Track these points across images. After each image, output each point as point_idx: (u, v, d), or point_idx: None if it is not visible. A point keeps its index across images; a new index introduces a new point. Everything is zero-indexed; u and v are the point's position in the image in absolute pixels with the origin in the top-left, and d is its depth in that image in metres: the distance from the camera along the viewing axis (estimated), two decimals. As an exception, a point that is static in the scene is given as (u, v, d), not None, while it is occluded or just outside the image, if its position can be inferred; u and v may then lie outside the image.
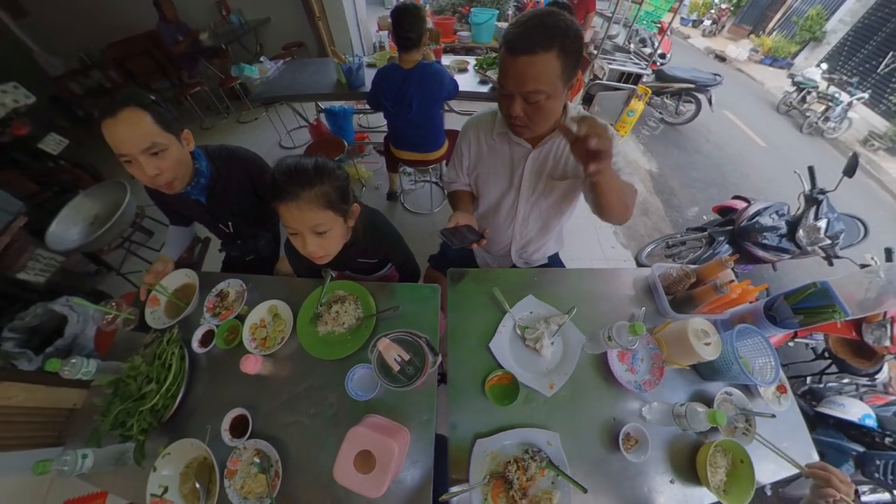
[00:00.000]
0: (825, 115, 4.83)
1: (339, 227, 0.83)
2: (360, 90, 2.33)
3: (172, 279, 1.08)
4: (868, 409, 1.56)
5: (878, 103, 5.61)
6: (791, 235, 1.95)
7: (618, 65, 3.30)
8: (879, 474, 1.37)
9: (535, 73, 0.69)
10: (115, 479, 0.82)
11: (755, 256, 2.04)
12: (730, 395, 0.87)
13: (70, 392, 1.01)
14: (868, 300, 0.82)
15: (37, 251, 1.71)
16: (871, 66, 5.97)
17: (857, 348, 1.69)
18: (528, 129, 0.82)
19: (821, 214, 1.90)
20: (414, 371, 0.76)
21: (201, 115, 3.82)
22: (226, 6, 3.94)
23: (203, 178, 1.00)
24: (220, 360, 0.96)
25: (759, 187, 3.55)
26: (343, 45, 3.79)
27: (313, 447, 0.82)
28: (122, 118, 0.77)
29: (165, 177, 0.86)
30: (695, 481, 0.77)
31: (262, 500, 0.75)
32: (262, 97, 2.48)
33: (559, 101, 0.76)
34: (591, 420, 0.84)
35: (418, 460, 0.79)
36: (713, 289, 0.89)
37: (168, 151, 0.85)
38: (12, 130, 2.21)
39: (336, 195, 0.78)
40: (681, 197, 3.26)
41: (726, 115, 4.93)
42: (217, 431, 0.83)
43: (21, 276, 1.67)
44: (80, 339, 1.33)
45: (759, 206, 2.07)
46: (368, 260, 1.11)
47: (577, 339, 0.93)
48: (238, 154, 1.10)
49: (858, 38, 6.41)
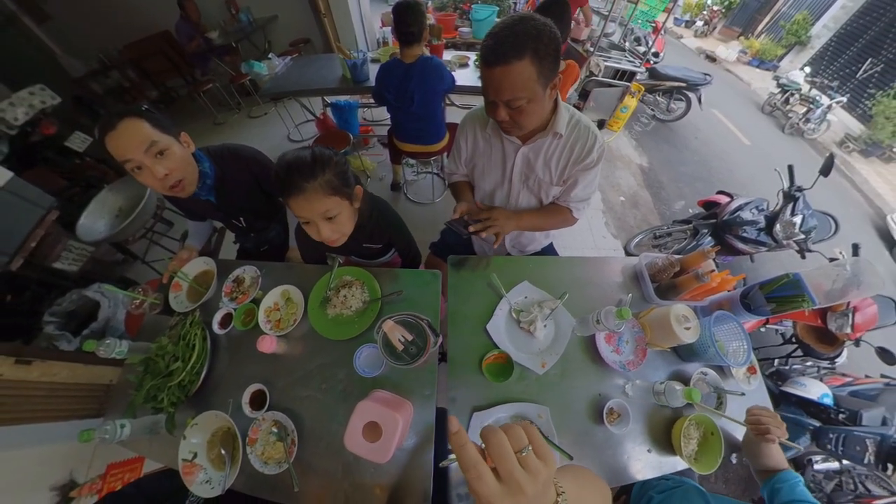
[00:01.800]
0: (806, 117, 4.80)
1: (346, 209, 0.83)
2: (364, 84, 2.28)
3: (193, 266, 1.08)
4: (826, 389, 1.62)
5: (855, 107, 5.60)
6: (769, 230, 1.97)
7: (613, 62, 3.23)
8: (831, 446, 1.44)
9: (510, 82, 0.68)
10: (151, 446, 0.86)
11: (735, 248, 2.06)
12: (705, 374, 0.90)
13: (106, 370, 1.05)
14: (834, 291, 0.83)
15: (69, 242, 1.75)
16: (850, 71, 5.94)
17: (821, 335, 1.74)
18: (517, 128, 0.81)
19: (797, 211, 1.92)
20: (416, 350, 0.77)
21: (214, 111, 3.76)
22: (235, 5, 3.86)
23: (208, 178, 0.99)
24: (238, 340, 0.97)
25: (742, 183, 3.55)
26: (348, 41, 3.70)
27: (325, 418, 0.84)
28: (121, 129, 0.77)
29: (174, 176, 0.86)
30: (669, 451, 0.81)
31: (281, 465, 0.78)
32: (271, 93, 2.43)
33: (541, 102, 0.75)
34: (579, 396, 0.87)
35: (420, 431, 0.82)
36: (695, 277, 0.90)
37: (171, 151, 0.84)
38: (41, 130, 2.23)
39: (338, 181, 0.78)
40: (669, 191, 3.25)
41: (714, 114, 4.88)
42: (238, 404, 0.86)
43: (56, 265, 1.70)
44: (112, 322, 1.39)
45: (740, 201, 2.08)
46: (373, 245, 1.11)
47: (568, 323, 0.95)
48: (240, 153, 1.07)
49: (840, 44, 6.34)
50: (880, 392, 1.64)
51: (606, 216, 2.77)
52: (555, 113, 0.86)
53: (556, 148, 0.91)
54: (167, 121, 0.86)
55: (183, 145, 0.90)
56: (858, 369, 1.90)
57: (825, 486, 1.62)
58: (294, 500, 0.76)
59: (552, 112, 0.86)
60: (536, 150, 0.92)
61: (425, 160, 2.25)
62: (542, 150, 0.91)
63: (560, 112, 0.85)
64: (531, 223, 1.03)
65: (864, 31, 5.97)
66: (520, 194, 1.03)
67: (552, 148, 0.91)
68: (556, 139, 0.89)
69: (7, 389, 0.95)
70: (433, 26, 2.79)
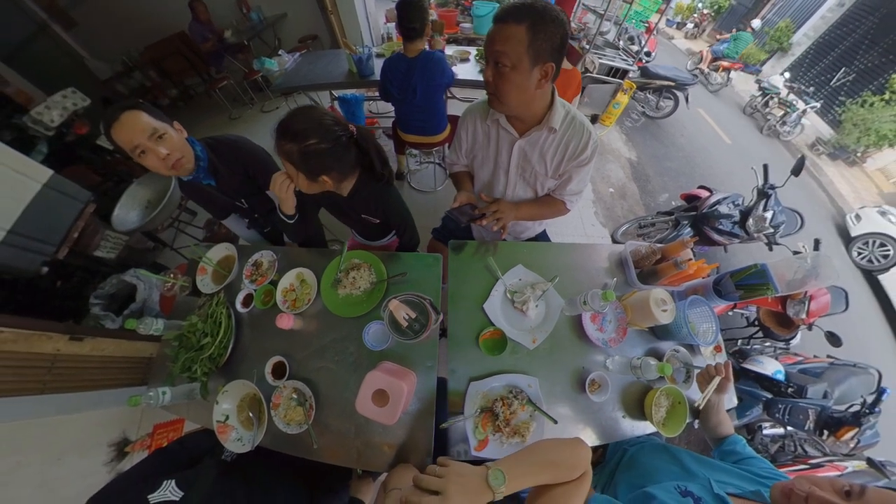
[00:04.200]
0: (783, 120, 4.77)
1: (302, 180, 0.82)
2: (369, 78, 2.21)
3: (216, 252, 1.09)
4: (780, 366, 1.70)
5: (827, 113, 5.58)
6: (742, 223, 2.00)
7: (607, 60, 3.14)
8: (779, 414, 1.53)
9: (502, 37, 0.69)
10: (189, 409, 0.90)
11: (711, 239, 2.09)
12: (677, 351, 0.92)
13: (146, 345, 1.10)
14: (795, 281, 0.86)
15: (106, 232, 1.80)
16: (825, 78, 5.90)
17: (780, 319, 1.79)
18: (497, 99, 0.79)
19: (769, 207, 1.94)
20: (419, 327, 0.79)
21: (229, 107, 3.68)
22: (246, 4, 3.81)
23: (202, 161, 1.00)
24: (259, 318, 0.99)
25: (721, 179, 3.55)
26: (353, 36, 3.57)
27: (339, 386, 0.87)
28: (123, 120, 0.82)
29: (174, 156, 0.89)
30: (641, 416, 0.85)
31: (301, 426, 0.82)
32: (282, 88, 2.40)
33: (525, 77, 0.73)
34: (565, 368, 0.90)
35: (423, 397, 0.85)
36: (674, 265, 0.92)
37: (168, 135, 0.88)
38: (75, 130, 2.27)
39: (301, 159, 0.78)
40: (654, 184, 3.24)
41: (700, 113, 4.80)
42: (262, 374, 0.89)
43: (97, 253, 1.76)
44: (149, 303, 1.45)
45: (719, 196, 2.09)
46: (371, 218, 1.06)
47: (558, 303, 0.96)
48: (231, 141, 1.09)
49: (818, 53, 6.26)
50: (825, 370, 1.72)
51: (596, 206, 2.77)
52: (551, 108, 0.84)
53: (552, 143, 0.89)
54: (159, 111, 0.89)
55: (177, 131, 0.92)
56: (809, 350, 1.99)
57: (770, 447, 1.73)
58: (314, 455, 0.81)
59: (548, 107, 0.85)
60: (532, 144, 0.91)
61: (428, 151, 2.20)
62: (538, 143, 0.90)
63: (556, 108, 0.84)
64: (529, 213, 1.03)
65: (840, 41, 5.93)
66: (516, 185, 1.02)
67: (547, 142, 0.89)
68: (551, 134, 0.87)
69: (65, 362, 1.03)
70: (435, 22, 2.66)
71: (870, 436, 1.56)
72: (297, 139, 0.75)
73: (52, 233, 1.51)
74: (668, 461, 0.73)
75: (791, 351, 1.95)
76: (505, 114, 0.87)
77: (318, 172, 0.81)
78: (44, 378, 0.99)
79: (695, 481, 0.62)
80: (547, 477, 0.47)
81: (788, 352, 1.94)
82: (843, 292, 1.83)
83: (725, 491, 0.57)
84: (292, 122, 0.76)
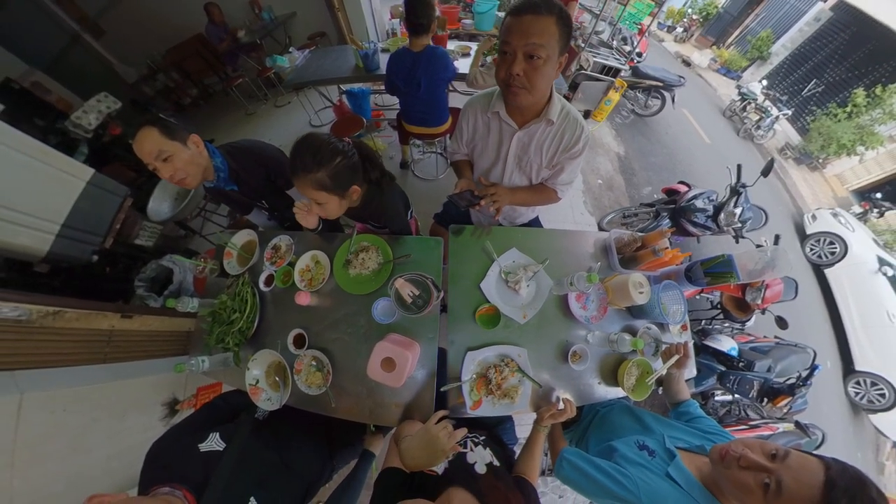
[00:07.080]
0: (758, 124, 4.74)
1: (334, 202, 0.82)
2: (375, 73, 2.12)
3: (239, 238, 1.09)
4: (735, 344, 1.79)
5: (797, 120, 5.58)
6: (714, 217, 2.02)
7: (601, 58, 3.02)
8: (730, 384, 1.64)
9: (538, 29, 0.65)
10: (225, 374, 0.95)
11: (686, 230, 2.11)
12: (649, 329, 0.95)
13: (185, 320, 1.14)
14: (755, 271, 0.88)
15: (143, 223, 1.88)
16: (798, 88, 5.86)
17: (738, 304, 1.87)
18: (526, 90, 0.72)
19: (739, 203, 1.96)
20: (422, 303, 0.81)
21: (245, 103, 3.55)
22: (258, 4, 3.66)
23: (222, 172, 0.99)
24: (280, 295, 1.00)
25: (699, 176, 3.53)
26: (360, 32, 3.40)
27: (352, 354, 0.90)
28: (139, 137, 0.83)
29: (178, 176, 0.90)
30: (614, 383, 0.89)
31: (321, 388, 0.86)
32: (293, 83, 2.36)
33: (552, 70, 0.70)
34: (550, 341, 0.92)
35: (426, 365, 0.88)
36: (652, 252, 0.93)
37: (175, 156, 0.87)
38: (109, 131, 2.35)
39: (329, 181, 0.77)
40: (640, 177, 3.22)
41: (684, 113, 4.71)
42: (284, 344, 0.92)
43: (137, 241, 1.85)
44: (185, 284, 1.50)
45: (696, 191, 2.10)
46: (374, 223, 1.12)
47: (547, 283, 0.97)
48: (252, 149, 1.07)
49: (794, 63, 6.15)
50: (771, 348, 1.83)
51: (585, 196, 2.76)
52: (549, 101, 0.82)
53: (549, 135, 0.88)
54: (176, 126, 0.89)
55: (190, 147, 0.91)
56: (760, 330, 2.10)
57: (719, 411, 1.87)
58: (332, 412, 0.86)
59: (547, 100, 0.82)
60: (530, 135, 0.89)
61: (430, 141, 2.16)
62: (536, 135, 0.88)
63: (553, 101, 0.82)
64: (523, 199, 1.02)
65: (814, 54, 5.85)
66: (513, 174, 1.01)
67: (545, 134, 0.88)
68: (548, 126, 0.86)
69: (120, 336, 1.12)
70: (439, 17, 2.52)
71: (800, 403, 1.70)
72: (322, 165, 0.75)
73: (99, 225, 1.58)
74: (632, 420, 0.79)
75: (745, 331, 2.04)
76: (524, 105, 0.79)
77: (348, 186, 0.82)
78: (104, 350, 1.07)
79: (651, 437, 0.67)
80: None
81: (743, 332, 2.04)
82: (795, 283, 1.91)
83: (675, 445, 0.62)
84: (309, 154, 0.75)
